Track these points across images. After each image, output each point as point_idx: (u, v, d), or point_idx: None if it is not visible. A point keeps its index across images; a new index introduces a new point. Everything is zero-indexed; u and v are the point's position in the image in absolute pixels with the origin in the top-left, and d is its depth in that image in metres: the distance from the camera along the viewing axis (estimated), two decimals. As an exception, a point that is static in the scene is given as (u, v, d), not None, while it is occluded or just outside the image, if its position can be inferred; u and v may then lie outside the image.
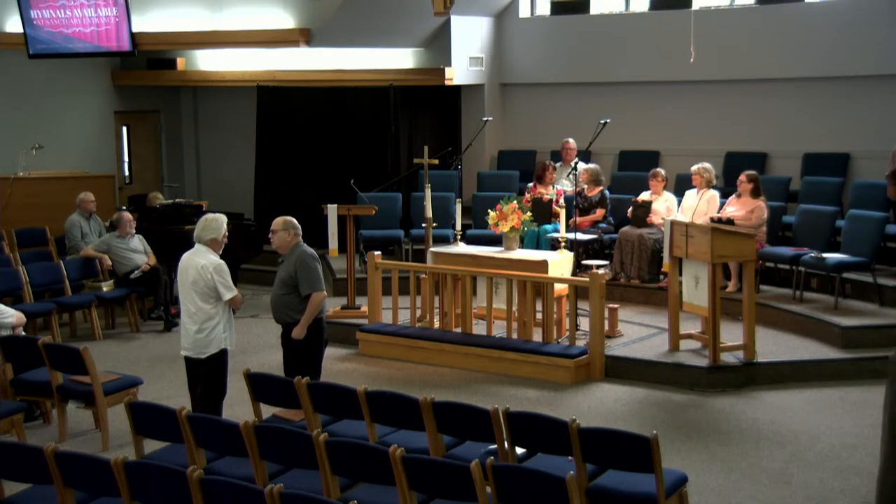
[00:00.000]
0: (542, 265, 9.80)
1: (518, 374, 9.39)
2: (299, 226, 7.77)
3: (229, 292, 7.22)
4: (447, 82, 13.68)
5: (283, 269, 7.74)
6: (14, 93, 13.97)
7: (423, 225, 11.19)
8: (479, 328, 10.09)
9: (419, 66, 14.03)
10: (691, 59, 11.72)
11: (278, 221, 7.75)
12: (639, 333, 10.22)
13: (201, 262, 7.18)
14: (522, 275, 9.69)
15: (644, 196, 11.57)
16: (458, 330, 10.07)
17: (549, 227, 11.45)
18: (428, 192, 11.12)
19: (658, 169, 11.70)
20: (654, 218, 11.32)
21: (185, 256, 7.33)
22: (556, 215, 11.09)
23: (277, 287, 7.74)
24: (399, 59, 14.06)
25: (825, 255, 10.17)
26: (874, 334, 9.55)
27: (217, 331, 7.23)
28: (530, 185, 12.18)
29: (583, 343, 9.60)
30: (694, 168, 11.07)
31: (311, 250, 7.74)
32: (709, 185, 11.04)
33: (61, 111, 14.41)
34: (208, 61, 14.92)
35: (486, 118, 13.17)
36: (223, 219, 7.42)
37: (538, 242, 11.41)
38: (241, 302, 7.49)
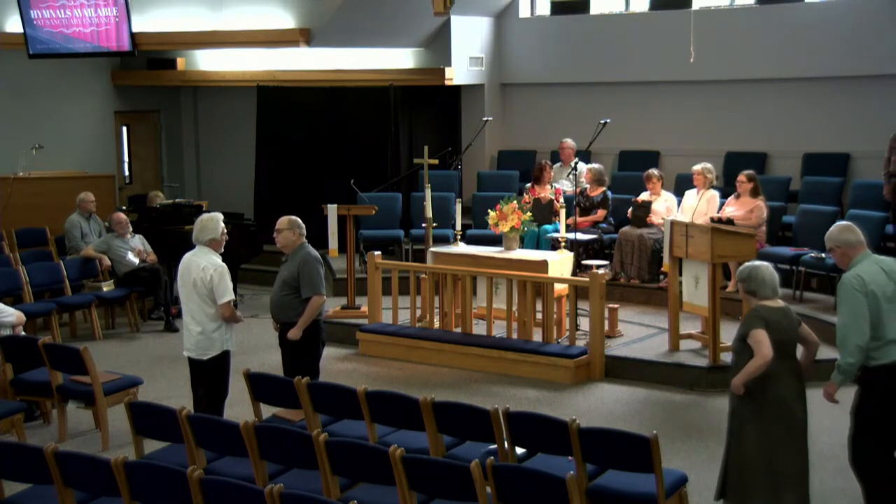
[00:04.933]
0: (542, 265, 9.79)
1: (518, 374, 9.38)
2: (304, 226, 7.71)
3: (224, 297, 7.11)
4: (447, 82, 13.68)
5: (285, 269, 7.65)
6: (14, 93, 13.96)
7: (423, 225, 11.19)
8: (479, 328, 10.08)
9: (419, 66, 14.02)
10: (691, 59, 11.72)
11: (283, 220, 7.66)
12: (639, 333, 10.22)
13: (202, 264, 7.12)
14: (522, 275, 9.69)
15: (644, 196, 11.57)
16: (458, 330, 10.07)
17: (549, 227, 11.45)
18: (428, 192, 11.12)
19: (651, 170, 11.68)
20: (654, 218, 11.31)
21: (186, 257, 7.28)
22: (558, 213, 11.07)
23: (278, 287, 7.65)
24: (399, 59, 14.06)
25: (825, 254, 10.15)
26: (874, 334, 9.53)
27: (219, 332, 7.19)
28: (528, 185, 12.17)
29: (583, 343, 9.60)
30: (697, 168, 11.03)
31: (315, 252, 7.65)
32: (710, 186, 11.03)
33: (61, 111, 14.40)
34: (208, 61, 14.92)
35: (486, 118, 13.18)
36: (219, 217, 7.35)
37: (538, 242, 11.41)
38: (233, 315, 7.20)
